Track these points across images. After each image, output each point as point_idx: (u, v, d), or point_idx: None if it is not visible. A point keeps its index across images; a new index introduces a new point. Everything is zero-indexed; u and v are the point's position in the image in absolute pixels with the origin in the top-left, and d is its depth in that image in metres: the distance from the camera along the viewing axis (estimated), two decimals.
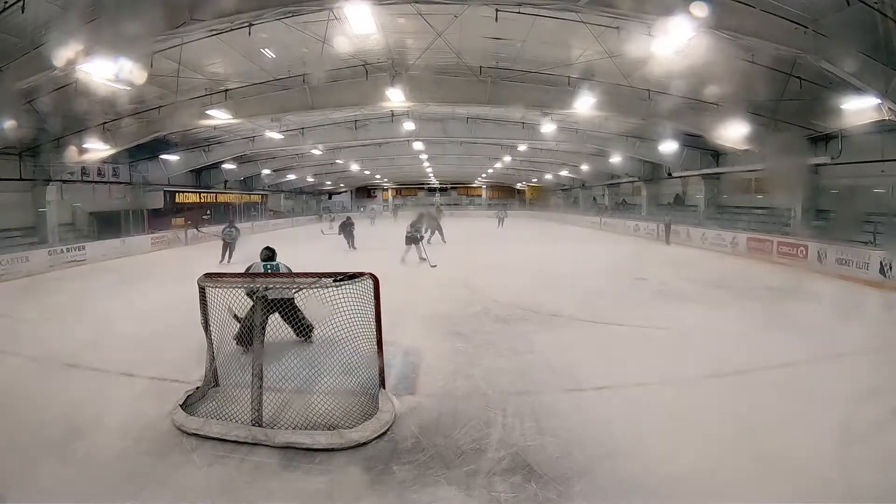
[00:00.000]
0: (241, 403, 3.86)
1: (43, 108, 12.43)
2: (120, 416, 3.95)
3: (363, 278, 4.01)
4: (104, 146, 14.55)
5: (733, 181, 18.56)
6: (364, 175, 37.45)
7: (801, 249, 11.96)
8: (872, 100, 9.20)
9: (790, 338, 5.91)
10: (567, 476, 3.12)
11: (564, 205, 37.79)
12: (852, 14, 7.83)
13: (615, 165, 23.39)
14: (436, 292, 9.05)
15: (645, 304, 8.11)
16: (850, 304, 8.40)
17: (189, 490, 3.05)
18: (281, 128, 17.99)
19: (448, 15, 9.31)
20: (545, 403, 4.20)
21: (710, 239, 16.27)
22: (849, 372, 4.85)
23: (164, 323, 6.89)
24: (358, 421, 3.77)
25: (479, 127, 19.36)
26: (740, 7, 7.70)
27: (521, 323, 6.89)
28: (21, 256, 12.63)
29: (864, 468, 3.11)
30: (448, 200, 48.37)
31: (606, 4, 7.63)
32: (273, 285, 4.54)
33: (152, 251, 18.03)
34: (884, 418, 3.74)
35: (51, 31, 8.18)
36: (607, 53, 10.44)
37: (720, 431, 3.65)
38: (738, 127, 12.49)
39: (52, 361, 5.42)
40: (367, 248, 16.50)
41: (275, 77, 12.82)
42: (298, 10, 8.34)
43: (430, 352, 5.57)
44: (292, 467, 3.30)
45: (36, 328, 6.96)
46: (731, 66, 10.06)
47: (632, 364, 5.16)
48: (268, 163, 26.61)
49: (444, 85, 12.54)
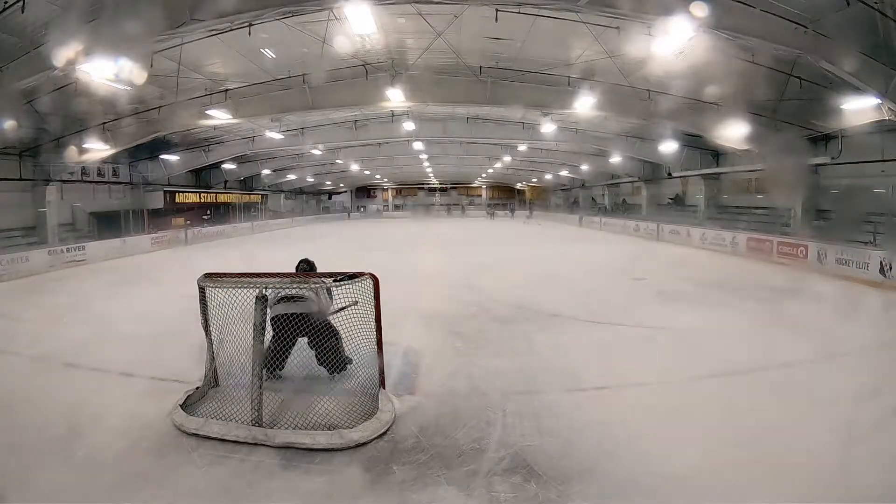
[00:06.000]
0: (241, 403, 3.86)
1: (43, 108, 12.44)
2: (120, 416, 3.95)
3: (363, 278, 4.01)
4: (104, 146, 14.56)
5: (733, 181, 18.57)
6: (364, 175, 37.47)
7: (801, 249, 11.95)
8: (872, 100, 9.20)
9: (790, 338, 5.90)
10: (567, 476, 3.12)
11: (557, 205, 38.21)
12: (852, 14, 7.82)
13: (615, 165, 23.40)
14: (436, 292, 9.04)
15: (645, 304, 8.11)
16: (850, 304, 8.39)
17: (189, 490, 3.04)
18: (281, 128, 17.99)
19: (448, 15, 9.31)
20: (545, 403, 4.20)
21: (710, 239, 16.27)
22: (849, 372, 4.83)
23: (164, 323, 6.89)
24: (358, 421, 3.76)
25: (479, 127, 19.36)
26: (740, 7, 7.70)
27: (521, 323, 6.89)
28: (21, 256, 12.64)
29: (864, 468, 3.10)
30: (448, 200, 48.45)
31: (606, 4, 7.63)
32: (290, 294, 4.40)
33: (152, 251, 18.04)
34: (884, 418, 3.73)
35: (51, 31, 8.18)
36: (607, 53, 10.43)
37: (720, 431, 3.64)
38: (738, 127, 12.48)
39: (52, 361, 5.41)
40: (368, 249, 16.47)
41: (275, 77, 12.82)
42: (298, 10, 8.34)
43: (430, 352, 5.56)
44: (292, 467, 3.30)
45: (36, 328, 6.95)
46: (731, 66, 10.06)
47: (632, 364, 5.16)
48: (268, 163, 26.62)
49: (443, 85, 12.54)
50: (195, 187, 24.70)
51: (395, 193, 49.20)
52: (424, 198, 48.42)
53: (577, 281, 10.45)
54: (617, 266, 12.73)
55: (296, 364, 4.60)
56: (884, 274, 9.45)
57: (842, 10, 7.86)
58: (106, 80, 8.85)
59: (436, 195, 48.54)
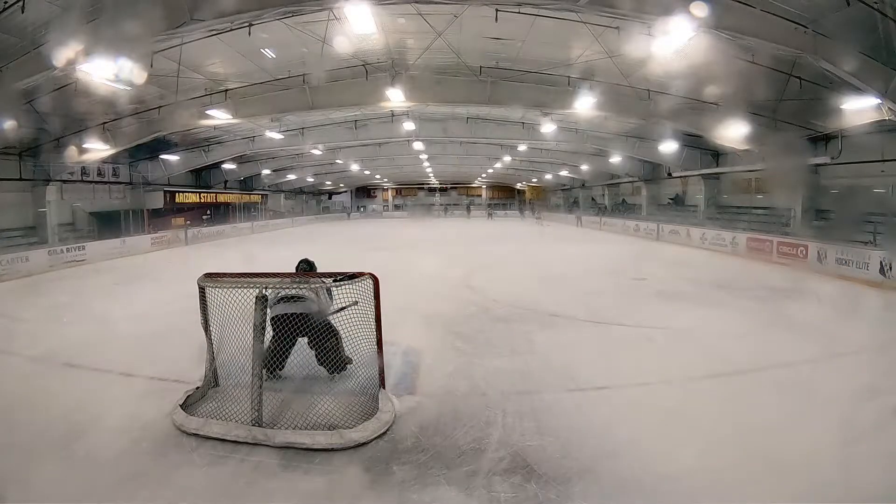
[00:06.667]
0: (241, 403, 3.85)
1: (43, 108, 12.45)
2: (120, 416, 3.95)
3: (363, 278, 4.01)
4: (104, 146, 14.56)
5: (733, 181, 18.56)
6: (364, 175, 37.45)
7: (801, 249, 11.95)
8: (872, 100, 9.20)
9: (790, 338, 5.91)
10: (567, 476, 3.12)
11: (557, 205, 38.36)
12: (852, 14, 7.82)
13: (615, 165, 23.40)
14: (436, 292, 9.04)
15: (645, 303, 8.11)
16: (849, 304, 8.39)
17: (189, 490, 3.04)
18: (281, 128, 18.00)
19: (448, 15, 9.31)
20: (545, 403, 4.20)
21: (710, 239, 16.27)
22: (849, 372, 4.84)
23: (164, 323, 6.88)
24: (358, 421, 3.76)
25: (479, 127, 19.36)
26: (740, 7, 7.70)
27: (521, 323, 6.89)
28: (21, 256, 12.64)
29: (864, 468, 3.10)
30: (448, 200, 48.47)
31: (606, 4, 7.63)
32: (290, 294, 4.41)
33: (152, 251, 18.04)
34: (884, 418, 3.74)
35: (51, 31, 8.18)
36: (607, 53, 10.43)
37: (720, 431, 3.65)
38: (738, 127, 12.49)
39: (52, 361, 5.41)
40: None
41: (275, 77, 12.82)
42: (298, 10, 8.34)
43: (430, 352, 5.56)
44: (292, 467, 3.30)
45: (36, 328, 6.95)
46: (731, 66, 10.06)
47: (632, 364, 5.16)
48: (268, 163, 26.61)
49: (443, 85, 12.54)
50: (195, 187, 24.69)
51: (396, 193, 49.20)
52: (424, 198, 48.44)
53: (576, 281, 10.45)
54: (617, 266, 12.72)
55: (296, 364, 4.60)
56: (884, 274, 9.45)
57: (842, 10, 7.86)
58: (106, 80, 8.83)
59: (436, 195, 48.54)
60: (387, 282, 4.30)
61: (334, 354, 4.54)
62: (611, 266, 12.68)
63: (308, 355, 4.57)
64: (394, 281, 5.92)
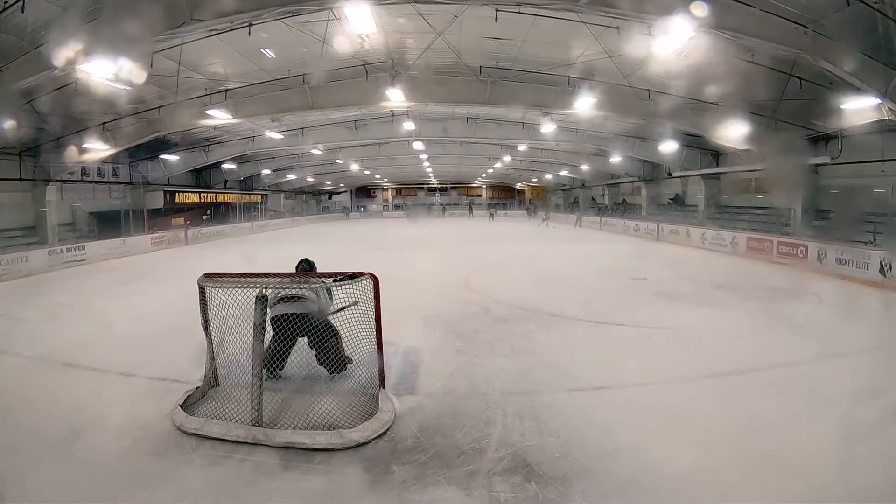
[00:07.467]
0: (241, 403, 3.85)
1: (43, 108, 12.44)
2: (120, 416, 3.95)
3: (363, 278, 4.01)
4: (104, 146, 14.56)
5: (733, 181, 18.57)
6: (364, 175, 37.47)
7: (801, 249, 11.95)
8: (872, 100, 9.19)
9: (790, 338, 5.91)
10: (567, 476, 3.12)
11: (557, 205, 38.38)
12: (852, 14, 7.82)
13: (615, 165, 23.40)
14: (436, 292, 9.05)
15: (645, 303, 8.11)
16: (849, 304, 8.40)
17: (189, 490, 3.04)
18: (281, 128, 17.99)
19: (448, 15, 9.31)
20: (545, 403, 4.20)
21: (710, 239, 16.27)
22: (849, 372, 4.84)
23: (164, 323, 6.89)
24: (358, 421, 3.76)
25: (479, 127, 19.37)
26: (740, 7, 7.70)
27: (521, 323, 6.89)
28: (21, 256, 12.63)
29: (864, 468, 3.10)
30: (448, 200, 48.48)
31: (606, 4, 7.63)
32: (290, 294, 4.40)
33: (152, 251, 18.03)
34: (884, 418, 3.74)
35: (51, 31, 8.18)
36: (607, 53, 10.43)
37: (720, 431, 3.65)
38: (738, 127, 12.49)
39: (52, 361, 5.41)
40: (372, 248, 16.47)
41: (275, 77, 12.82)
42: (298, 10, 8.35)
43: (430, 352, 5.56)
44: (292, 467, 3.30)
45: (35, 328, 6.95)
46: (731, 66, 10.06)
47: (632, 364, 5.16)
48: (268, 163, 26.62)
49: (443, 85, 12.53)
50: (195, 187, 24.70)
51: (396, 193, 49.19)
52: (424, 198, 48.45)
53: (576, 280, 10.45)
54: (617, 266, 12.73)
55: (296, 364, 4.60)
56: (884, 274, 9.45)
57: (842, 10, 7.86)
58: (106, 80, 8.84)
59: (436, 195, 48.54)
60: (387, 282, 4.31)
61: (334, 354, 4.55)
62: (611, 266, 12.68)
63: (308, 355, 4.57)
64: (394, 281, 5.92)
